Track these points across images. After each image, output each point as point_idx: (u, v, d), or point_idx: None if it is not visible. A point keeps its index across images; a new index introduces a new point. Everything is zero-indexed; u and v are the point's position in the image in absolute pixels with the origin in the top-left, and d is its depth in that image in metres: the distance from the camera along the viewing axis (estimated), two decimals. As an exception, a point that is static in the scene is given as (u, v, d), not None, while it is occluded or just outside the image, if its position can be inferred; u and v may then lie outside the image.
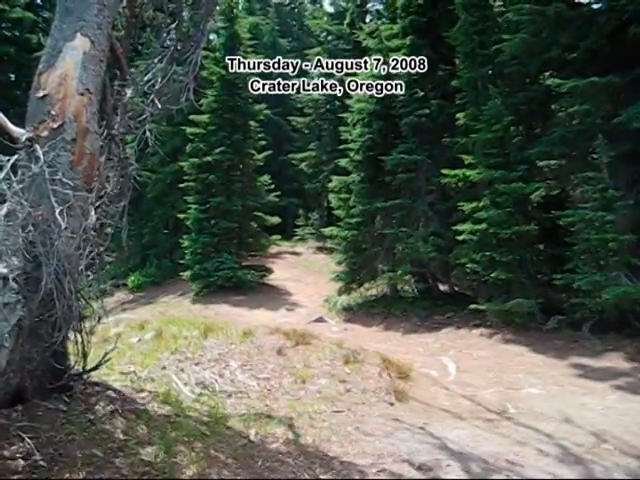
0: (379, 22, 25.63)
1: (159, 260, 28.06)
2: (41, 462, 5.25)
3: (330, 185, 21.73)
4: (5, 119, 6.07)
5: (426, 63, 18.24)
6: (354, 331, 17.25)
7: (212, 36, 26.32)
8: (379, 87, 19.28)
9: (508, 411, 8.79)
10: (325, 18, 33.65)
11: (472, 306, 15.14)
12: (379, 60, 19.77)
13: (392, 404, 8.61)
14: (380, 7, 29.14)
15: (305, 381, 8.94)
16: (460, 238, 15.65)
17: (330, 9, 34.50)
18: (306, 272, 25.70)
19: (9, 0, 34.12)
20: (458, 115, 16.89)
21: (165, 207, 28.21)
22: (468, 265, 15.61)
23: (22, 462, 5.20)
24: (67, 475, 5.17)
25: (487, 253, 14.75)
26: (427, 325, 16.84)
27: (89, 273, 6.43)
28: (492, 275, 14.60)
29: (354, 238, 19.87)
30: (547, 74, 15.08)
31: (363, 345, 11.95)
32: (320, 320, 18.51)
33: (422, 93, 18.77)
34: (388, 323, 17.84)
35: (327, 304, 20.70)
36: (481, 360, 12.54)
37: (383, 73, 19.47)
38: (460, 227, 15.58)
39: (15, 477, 4.98)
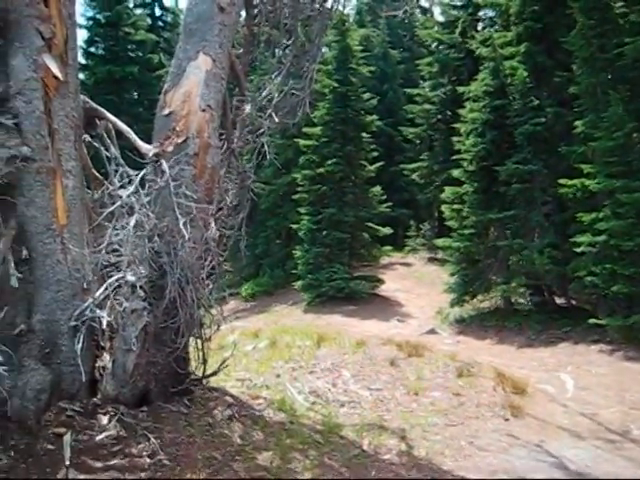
0: (492, 30, 25.17)
1: (272, 270, 28.60)
2: (165, 461, 5.52)
3: (442, 196, 21.46)
4: (135, 136, 6.46)
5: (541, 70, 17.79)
6: (467, 344, 16.93)
7: (324, 49, 26.66)
8: (493, 96, 18.98)
9: (631, 432, 8.37)
10: (436, 27, 33.28)
11: (591, 321, 14.53)
12: (493, 68, 19.45)
13: (507, 419, 8.40)
14: (493, 14, 28.60)
15: (418, 393, 8.88)
16: (578, 250, 15.07)
17: (441, 18, 34.09)
18: (417, 283, 25.46)
19: (134, 23, 35.98)
20: (576, 123, 16.30)
21: (278, 218, 28.74)
22: (587, 278, 15.00)
23: (148, 460, 5.49)
24: (189, 475, 5.40)
25: (607, 266, 14.13)
26: (543, 339, 16.30)
27: (209, 282, 6.69)
28: (613, 289, 13.97)
29: (467, 249, 19.53)
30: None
31: (476, 358, 11.72)
32: (432, 332, 18.28)
33: (537, 101, 18.27)
34: (502, 336, 17.40)
35: (439, 316, 20.43)
36: (600, 377, 12.01)
37: (497, 81, 19.13)
38: (578, 239, 15.02)
39: (142, 474, 5.26)
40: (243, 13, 7.88)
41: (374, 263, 25.17)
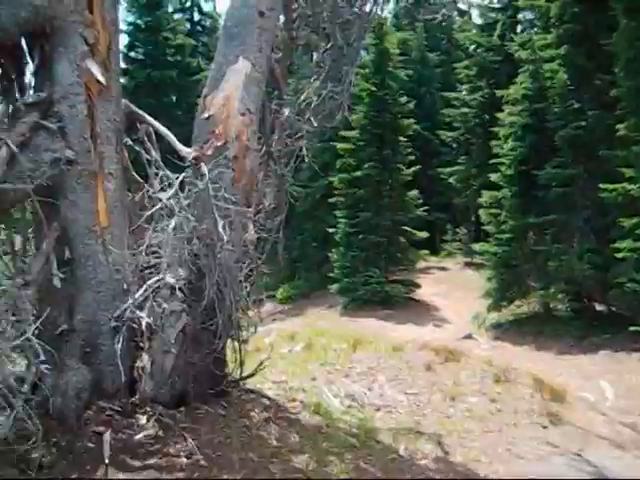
0: (531, 32, 24.91)
1: (308, 273, 28.72)
2: (202, 462, 5.56)
3: (480, 200, 21.34)
4: (175, 139, 6.53)
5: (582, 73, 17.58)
6: (504, 349, 16.77)
7: (361, 53, 26.66)
8: (532, 99, 18.80)
9: (674, 443, 8.21)
10: (474, 30, 33.06)
11: (632, 328, 14.27)
12: (532, 71, 19.26)
13: (545, 427, 8.28)
14: (532, 17, 28.30)
15: (454, 398, 8.81)
16: (619, 256, 14.84)
17: (479, 21, 33.87)
18: (454, 288, 25.28)
19: (173, 28, 36.46)
20: (617, 126, 16.05)
21: (315, 221, 28.83)
22: (628, 284, 14.76)
23: (185, 460, 5.55)
24: (225, 476, 5.44)
25: (649, 272, 13.91)
26: (582, 346, 16.07)
27: (246, 284, 6.73)
28: (654, 296, 13.74)
29: (505, 254, 19.37)
30: None
31: (513, 364, 11.59)
32: (469, 337, 18.16)
33: (578, 104, 18.03)
34: (539, 342, 17.21)
35: (476, 321, 20.28)
36: (641, 386, 11.82)
37: (536, 84, 18.94)
38: (619, 244, 14.79)
39: (180, 474, 5.32)
40: (282, 17, 7.91)
41: (410, 267, 25.06)
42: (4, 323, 5.00)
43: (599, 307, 18.60)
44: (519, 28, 29.59)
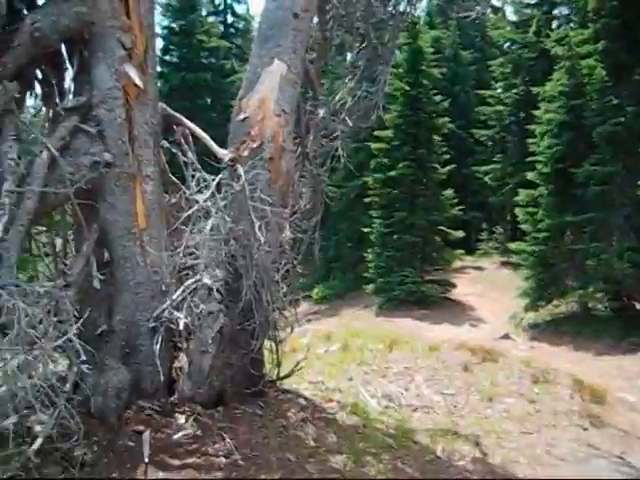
0: (568, 27, 24.59)
1: (343, 273, 28.72)
2: (240, 461, 5.61)
3: (516, 199, 21.11)
4: (211, 141, 6.59)
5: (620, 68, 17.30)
6: (541, 350, 16.58)
7: (395, 52, 26.56)
8: (569, 96, 18.56)
9: None
10: (508, 27, 32.71)
11: (674, 328, 14.04)
12: (569, 67, 19.01)
13: (586, 429, 8.15)
14: (569, 12, 27.93)
15: (492, 399, 8.73)
16: (660, 254, 14.59)
17: (513, 17, 33.46)
18: (490, 287, 25.06)
19: (207, 31, 36.77)
20: (658, 122, 15.80)
21: (349, 221, 28.82)
22: (669, 283, 14.51)
23: (224, 460, 5.60)
24: (263, 476, 5.47)
25: (691, 271, 13.65)
26: (622, 346, 15.81)
27: (283, 285, 6.76)
28: (697, 295, 13.48)
29: (542, 253, 19.15)
30: None
31: (552, 365, 11.46)
32: (506, 337, 18.00)
33: (617, 100, 17.74)
34: (578, 343, 16.97)
35: (512, 321, 20.08)
36: (684, 387, 11.59)
37: (573, 81, 18.69)
38: (660, 242, 14.54)
39: (218, 473, 5.37)
40: (316, 18, 7.92)
41: (446, 267, 24.92)
42: (46, 324, 5.08)
43: (639, 306, 18.30)
44: (555, 24, 29.22)
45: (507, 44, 31.35)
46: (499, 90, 30.97)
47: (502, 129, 29.77)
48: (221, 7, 41.87)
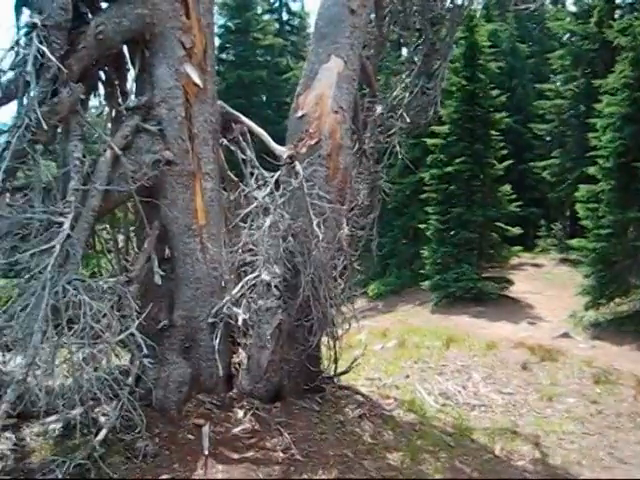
0: (632, 17, 23.87)
1: (399, 269, 28.53)
2: (298, 456, 5.65)
3: (576, 194, 20.62)
4: (269, 138, 6.65)
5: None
6: (603, 349, 16.16)
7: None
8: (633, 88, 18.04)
9: None
10: (568, 18, 31.94)
11: None
12: (632, 58, 18.48)
13: (651, 431, 7.95)
14: (632, 1, 27.10)
15: (552, 399, 8.57)
16: None
17: (573, 8, 32.63)
18: (548, 285, 24.56)
19: (263, 28, 37.02)
20: None
21: (405, 217, 28.61)
22: None
23: (281, 454, 5.65)
24: (320, 472, 5.50)
25: None
26: (689, 346, 15.36)
27: (340, 281, 6.78)
28: None
29: (603, 250, 18.64)
30: None
31: (614, 364, 11.18)
32: (565, 335, 17.60)
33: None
34: (642, 342, 16.53)
35: (572, 319, 19.62)
36: None
37: (637, 72, 18.17)
38: None
39: (276, 468, 5.42)
40: (372, 15, 7.89)
41: (503, 264, 24.49)
42: (110, 318, 5.22)
43: None
44: (617, 13, 28.43)
45: (567, 36, 30.60)
46: (558, 83, 30.30)
47: (561, 123, 29.10)
48: (276, 5, 42.07)
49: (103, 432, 5.23)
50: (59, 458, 4.91)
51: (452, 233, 22.92)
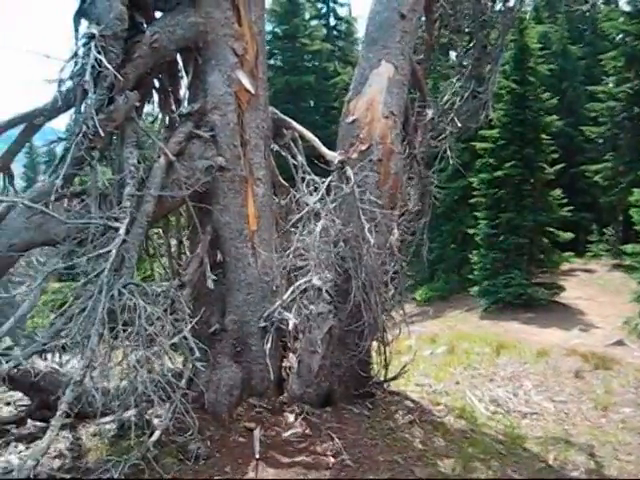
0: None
1: (447, 275, 28.32)
2: (348, 461, 5.64)
3: (630, 198, 20.19)
4: (320, 144, 6.67)
5: None
6: (659, 358, 15.81)
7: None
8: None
9: None
10: (622, 18, 31.25)
11: None
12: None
13: None
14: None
15: (607, 408, 8.35)
16: None
17: (627, 8, 31.91)
18: (601, 291, 24.08)
19: (310, 34, 37.20)
20: None
21: (454, 222, 28.40)
22: None
23: (332, 459, 5.65)
24: (371, 477, 5.48)
25: None
26: None
27: (391, 287, 6.76)
28: None
29: (659, 256, 18.27)
30: None
31: (672, 374, 10.89)
32: (620, 343, 17.20)
33: None
34: (701, 351, 16.08)
35: (627, 326, 19.18)
36: None
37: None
38: None
39: (326, 472, 5.42)
40: (423, 19, 7.86)
41: (554, 269, 24.09)
42: (163, 321, 5.30)
43: None
44: (674, 12, 27.72)
45: (620, 36, 29.94)
46: (611, 85, 29.67)
47: (614, 126, 28.49)
48: (323, 10, 42.18)
49: (157, 433, 5.31)
50: (114, 458, 5.00)
51: (501, 238, 22.66)
